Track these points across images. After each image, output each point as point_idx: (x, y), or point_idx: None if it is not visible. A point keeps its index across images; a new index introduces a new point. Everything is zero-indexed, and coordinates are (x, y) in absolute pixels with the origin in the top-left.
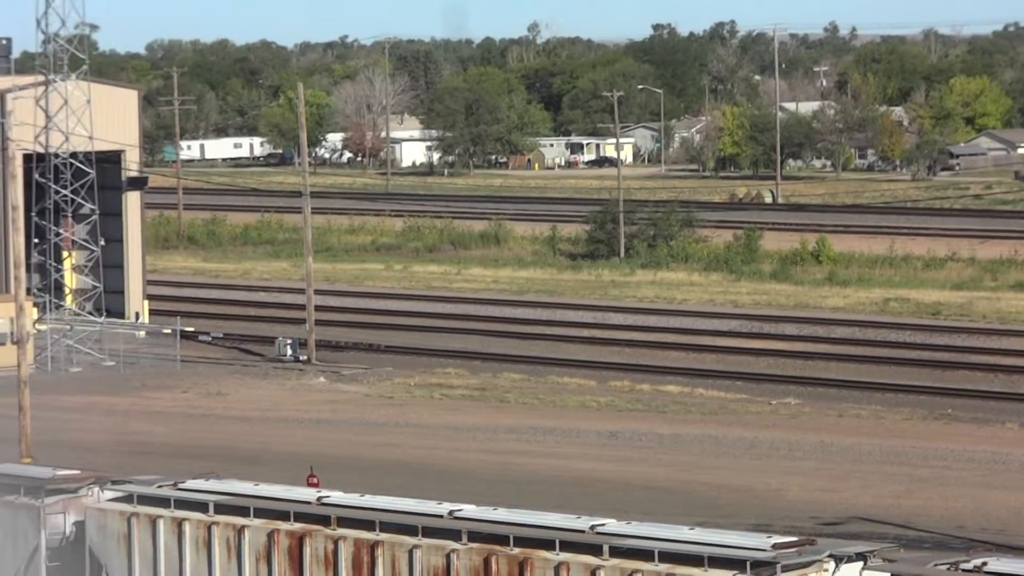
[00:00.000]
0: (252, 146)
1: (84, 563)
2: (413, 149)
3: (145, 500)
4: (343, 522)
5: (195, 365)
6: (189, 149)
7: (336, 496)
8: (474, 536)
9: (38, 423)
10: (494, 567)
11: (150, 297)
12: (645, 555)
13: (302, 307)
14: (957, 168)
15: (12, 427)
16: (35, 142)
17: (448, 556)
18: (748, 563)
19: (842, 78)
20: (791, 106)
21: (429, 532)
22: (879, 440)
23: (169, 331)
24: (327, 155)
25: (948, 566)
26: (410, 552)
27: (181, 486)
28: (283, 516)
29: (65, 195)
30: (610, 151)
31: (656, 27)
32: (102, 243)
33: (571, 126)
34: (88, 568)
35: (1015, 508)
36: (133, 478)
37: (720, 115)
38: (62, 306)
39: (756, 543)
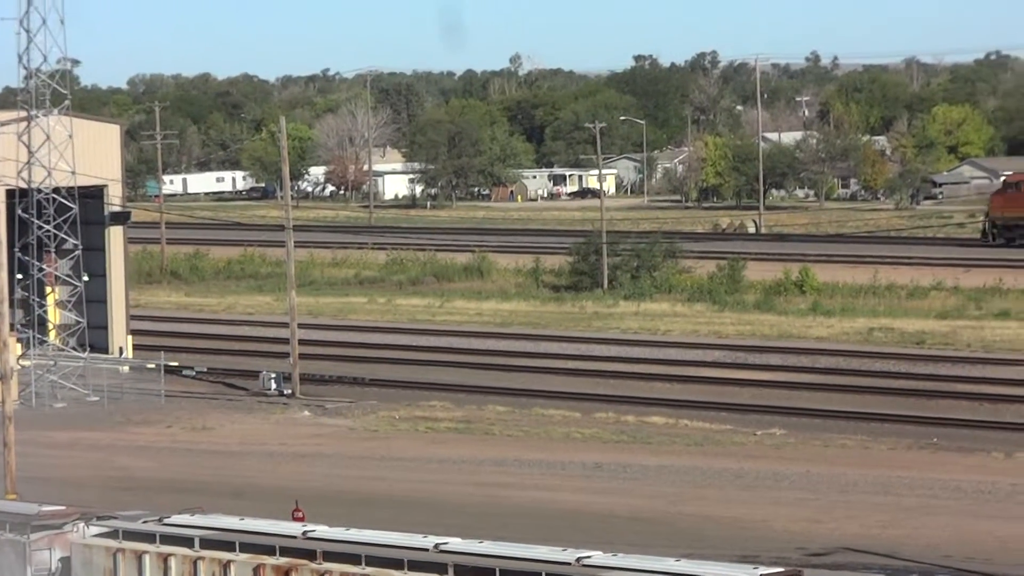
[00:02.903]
0: (235, 180)
1: None
2: (396, 182)
3: (131, 535)
4: (329, 556)
5: (179, 400)
6: (171, 183)
7: (322, 530)
8: (460, 569)
9: (23, 459)
10: None
11: (134, 332)
12: None
13: (286, 341)
14: (940, 197)
15: None
16: (17, 177)
17: None
18: None
19: (824, 108)
20: (773, 136)
21: (415, 566)
22: (865, 470)
23: (153, 366)
24: (310, 188)
25: None
26: None
27: (167, 521)
28: (269, 550)
29: (48, 230)
30: (593, 182)
31: (638, 58)
32: (85, 278)
33: (553, 158)
34: None
35: (1001, 538)
36: (118, 513)
37: (702, 146)
38: (46, 342)
39: (743, 574)
